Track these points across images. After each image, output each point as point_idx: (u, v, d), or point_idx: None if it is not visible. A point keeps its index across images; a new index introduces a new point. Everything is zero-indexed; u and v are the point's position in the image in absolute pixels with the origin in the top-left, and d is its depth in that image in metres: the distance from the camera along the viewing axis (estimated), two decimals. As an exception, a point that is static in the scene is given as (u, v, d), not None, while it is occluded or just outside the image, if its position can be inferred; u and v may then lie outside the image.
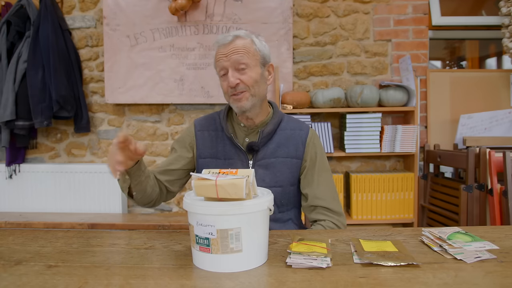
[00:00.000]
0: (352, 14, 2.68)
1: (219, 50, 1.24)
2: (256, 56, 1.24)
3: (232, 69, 1.21)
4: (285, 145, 1.30)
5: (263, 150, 1.29)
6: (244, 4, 2.62)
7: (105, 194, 2.68)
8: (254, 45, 1.24)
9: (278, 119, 1.32)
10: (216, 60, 1.25)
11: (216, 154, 1.31)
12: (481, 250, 0.91)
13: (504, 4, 2.54)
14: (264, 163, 1.29)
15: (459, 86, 2.68)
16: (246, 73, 1.22)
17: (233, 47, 1.21)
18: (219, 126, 1.34)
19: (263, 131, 1.29)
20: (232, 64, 1.21)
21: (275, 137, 1.31)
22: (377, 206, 2.52)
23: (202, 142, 1.33)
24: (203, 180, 0.85)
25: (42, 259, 0.93)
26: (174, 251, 0.98)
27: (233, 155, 1.30)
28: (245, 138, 1.32)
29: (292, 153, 1.30)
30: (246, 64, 1.21)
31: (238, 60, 1.20)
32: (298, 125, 1.35)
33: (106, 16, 2.65)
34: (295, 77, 2.72)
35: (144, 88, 2.68)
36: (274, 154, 1.29)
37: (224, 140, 1.31)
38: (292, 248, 0.91)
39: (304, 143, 1.31)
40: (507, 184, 2.00)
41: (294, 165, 1.30)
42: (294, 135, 1.32)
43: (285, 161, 1.29)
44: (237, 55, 1.20)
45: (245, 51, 1.21)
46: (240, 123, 1.32)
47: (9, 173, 2.69)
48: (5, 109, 2.47)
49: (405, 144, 2.47)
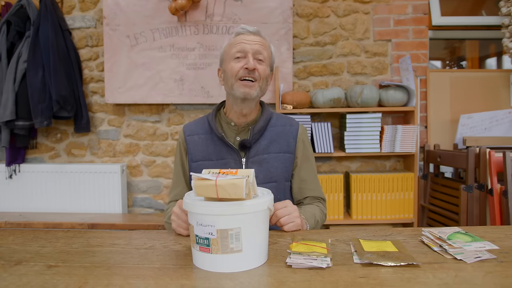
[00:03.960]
0: (352, 14, 2.68)
1: (242, 36, 1.28)
2: (269, 58, 1.32)
3: (252, 56, 1.25)
4: (276, 141, 1.33)
5: (255, 146, 1.31)
6: (244, 4, 2.62)
7: (105, 194, 2.68)
8: (270, 48, 1.33)
9: (267, 116, 1.35)
10: (236, 43, 1.28)
11: (208, 156, 1.32)
12: (481, 250, 0.91)
13: (504, 4, 2.54)
14: (257, 160, 1.30)
15: (459, 86, 2.68)
16: (262, 65, 1.27)
17: (258, 38, 1.28)
18: (208, 129, 1.35)
19: (254, 128, 1.31)
20: (254, 52, 1.26)
21: (266, 133, 1.33)
22: (377, 206, 2.52)
23: (193, 146, 1.34)
24: (203, 180, 0.85)
25: (42, 259, 0.93)
26: (174, 251, 0.98)
27: (225, 154, 1.31)
28: (235, 137, 1.33)
29: (284, 148, 1.33)
30: (264, 59, 1.28)
31: (260, 51, 1.26)
32: (288, 121, 1.39)
33: (106, 16, 2.65)
34: (295, 77, 2.72)
35: (144, 88, 2.68)
36: (267, 150, 1.32)
37: (215, 141, 1.33)
38: (292, 248, 0.91)
39: (295, 138, 1.35)
40: (507, 184, 2.00)
41: (287, 160, 1.33)
42: (285, 130, 1.35)
43: (277, 156, 1.32)
44: (260, 46, 1.27)
45: (265, 48, 1.29)
46: (230, 122, 1.34)
47: (9, 173, 2.69)
48: (5, 109, 2.47)
49: (405, 144, 2.47)
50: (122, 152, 2.81)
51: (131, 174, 2.82)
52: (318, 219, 1.29)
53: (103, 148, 2.81)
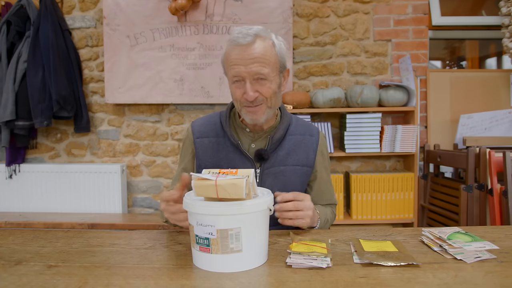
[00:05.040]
0: (352, 14, 2.68)
1: (235, 51, 1.09)
2: (276, 64, 1.13)
3: (250, 80, 1.09)
4: (295, 152, 1.23)
5: (272, 157, 1.20)
6: (244, 4, 2.62)
7: (105, 194, 2.68)
8: (275, 48, 1.13)
9: (286, 123, 1.23)
10: (230, 64, 1.10)
11: (218, 163, 1.20)
12: (481, 250, 0.91)
13: (504, 4, 2.54)
14: (272, 171, 1.20)
15: (459, 86, 2.68)
16: (265, 85, 1.10)
17: (253, 53, 1.07)
18: (220, 132, 1.23)
19: (273, 138, 1.19)
20: (251, 75, 1.08)
21: (284, 143, 1.22)
22: (377, 206, 2.52)
23: (203, 152, 1.23)
24: (203, 180, 0.85)
25: (42, 259, 0.93)
26: (174, 251, 0.98)
27: (238, 163, 1.19)
28: (250, 144, 1.22)
29: (303, 161, 1.23)
30: (267, 76, 1.09)
31: (258, 72, 1.08)
32: (308, 130, 1.28)
33: (106, 16, 2.65)
34: (295, 77, 2.72)
35: (144, 88, 2.68)
36: (284, 162, 1.21)
37: (227, 147, 1.21)
38: (292, 248, 0.91)
39: (315, 151, 1.26)
40: (507, 184, 2.00)
41: (304, 174, 1.24)
42: (305, 141, 1.25)
43: (295, 169, 1.22)
44: (258, 66, 1.08)
45: (267, 60, 1.09)
46: (245, 128, 1.23)
47: (9, 173, 2.69)
48: (5, 109, 2.47)
49: (405, 144, 2.47)
50: (122, 152, 2.81)
51: (131, 174, 2.82)
52: (328, 218, 1.26)
53: (103, 148, 2.81)
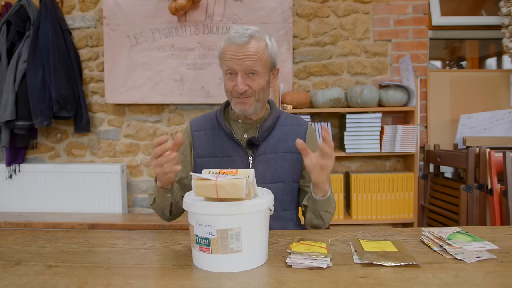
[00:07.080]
0: (352, 14, 2.68)
1: (231, 48, 1.20)
2: (267, 63, 1.23)
3: (242, 74, 1.20)
4: (285, 140, 1.31)
5: (263, 145, 1.30)
6: (244, 4, 2.62)
7: (105, 194, 2.68)
8: (267, 49, 1.23)
9: (276, 114, 1.34)
10: (226, 58, 1.21)
11: (214, 153, 1.30)
12: (481, 250, 0.91)
13: (504, 4, 2.54)
14: (264, 158, 1.29)
15: (459, 86, 2.68)
16: (255, 80, 1.21)
17: (247, 51, 1.19)
18: (216, 125, 1.33)
19: (262, 126, 1.30)
20: (245, 69, 1.19)
21: (275, 132, 1.32)
22: (377, 206, 2.52)
23: (199, 142, 1.33)
24: (203, 180, 0.85)
25: (42, 259, 0.93)
26: (174, 251, 0.98)
27: (232, 152, 1.29)
28: (243, 134, 1.32)
29: (293, 148, 1.28)
30: (257, 72, 1.21)
31: (250, 67, 1.19)
32: (297, 121, 1.37)
33: (106, 16, 2.65)
34: (295, 77, 2.72)
35: (144, 88, 2.68)
36: (275, 149, 1.30)
37: (221, 138, 1.31)
38: (292, 248, 0.91)
39: (304, 138, 1.32)
40: (507, 184, 2.00)
41: (295, 160, 1.31)
42: (294, 130, 1.34)
43: (285, 156, 1.30)
44: (250, 61, 1.19)
45: (258, 58, 1.20)
46: (237, 120, 1.33)
47: (9, 173, 2.69)
48: (5, 109, 2.47)
49: (405, 144, 2.47)
50: (122, 152, 2.81)
51: (131, 174, 2.82)
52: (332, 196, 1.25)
53: (103, 148, 2.81)
